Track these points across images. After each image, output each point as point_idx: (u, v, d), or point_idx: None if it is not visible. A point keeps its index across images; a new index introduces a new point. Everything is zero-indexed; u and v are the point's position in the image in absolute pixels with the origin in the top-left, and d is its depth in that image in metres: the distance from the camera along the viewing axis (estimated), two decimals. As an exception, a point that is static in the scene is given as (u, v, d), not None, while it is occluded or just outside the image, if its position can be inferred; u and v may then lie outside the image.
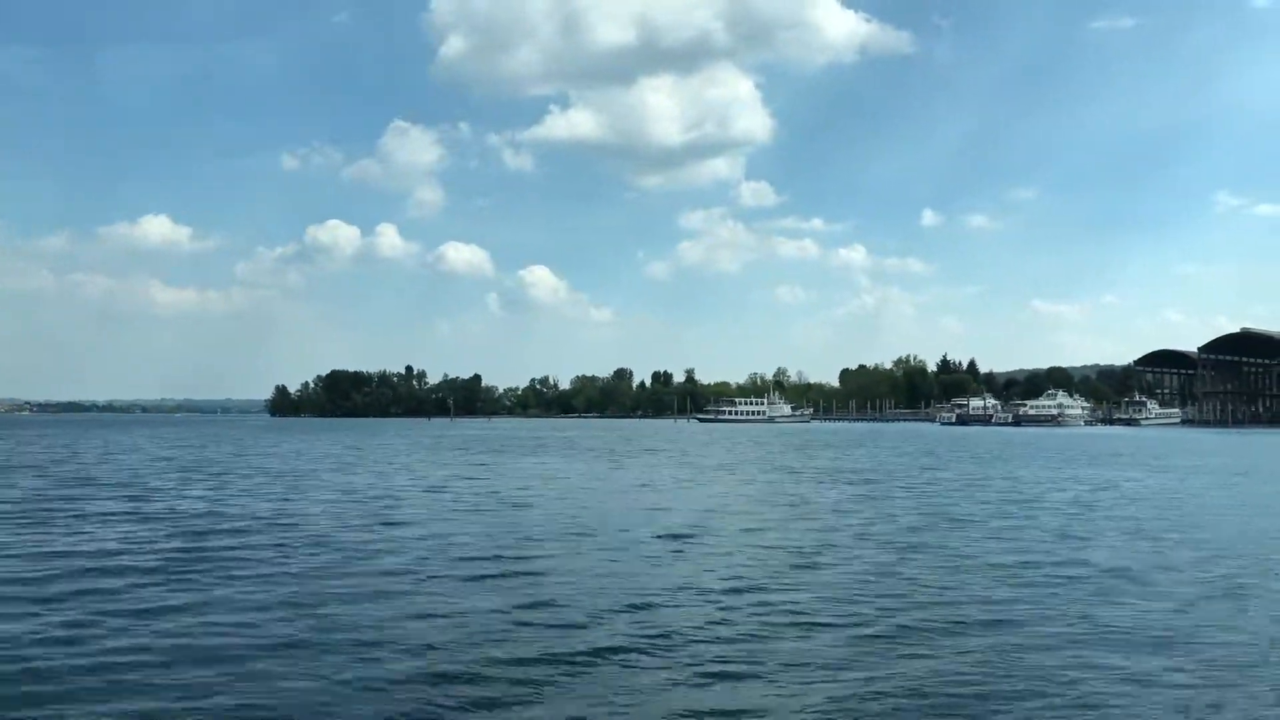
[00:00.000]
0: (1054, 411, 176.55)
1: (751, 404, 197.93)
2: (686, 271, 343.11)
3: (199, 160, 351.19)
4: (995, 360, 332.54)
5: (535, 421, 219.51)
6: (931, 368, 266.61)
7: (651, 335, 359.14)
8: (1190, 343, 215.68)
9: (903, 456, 56.01)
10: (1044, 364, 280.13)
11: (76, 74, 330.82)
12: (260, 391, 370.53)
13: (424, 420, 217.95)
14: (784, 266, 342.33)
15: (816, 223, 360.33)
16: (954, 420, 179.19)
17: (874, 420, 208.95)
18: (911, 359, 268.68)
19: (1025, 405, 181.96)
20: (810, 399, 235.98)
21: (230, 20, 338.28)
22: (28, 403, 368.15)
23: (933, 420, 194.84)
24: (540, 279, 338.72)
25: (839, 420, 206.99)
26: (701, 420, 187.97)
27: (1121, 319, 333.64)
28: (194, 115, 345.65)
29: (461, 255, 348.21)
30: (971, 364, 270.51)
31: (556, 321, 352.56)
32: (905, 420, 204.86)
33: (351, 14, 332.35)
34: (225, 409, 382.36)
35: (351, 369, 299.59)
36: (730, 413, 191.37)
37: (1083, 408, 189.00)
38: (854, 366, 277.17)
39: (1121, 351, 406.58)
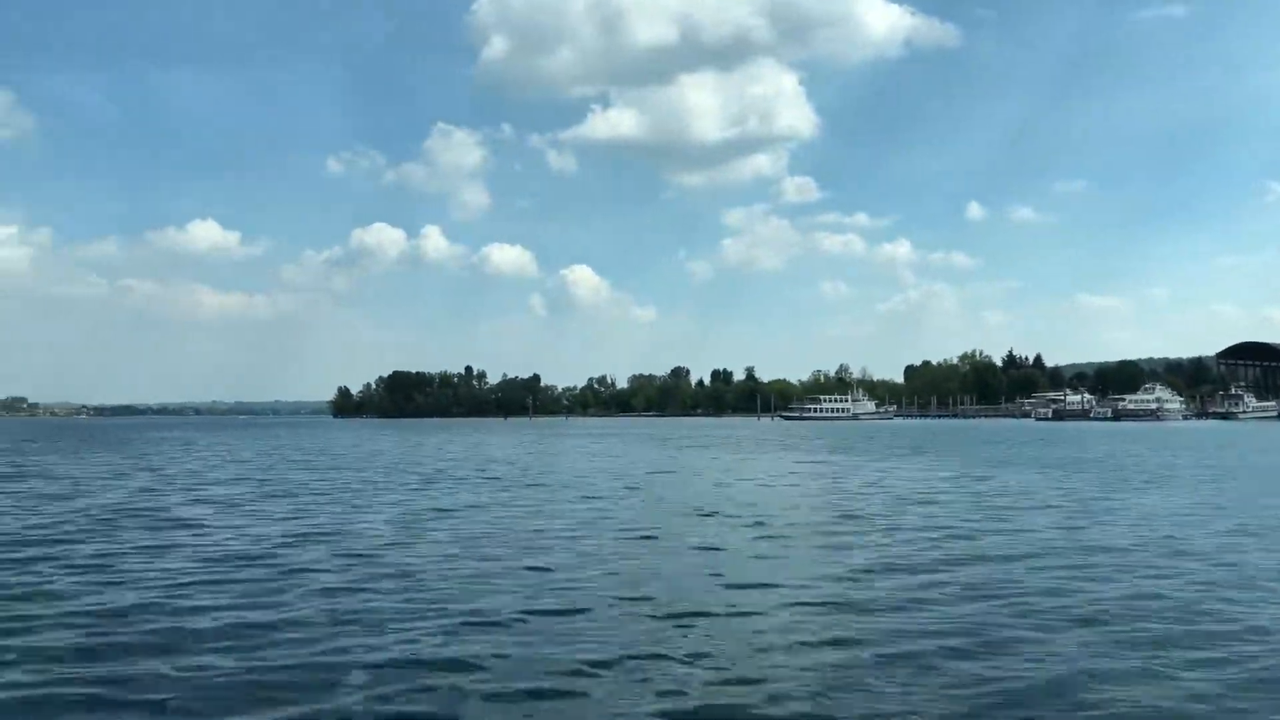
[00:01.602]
0: (1153, 406, 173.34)
1: (836, 401, 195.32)
2: (728, 269, 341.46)
3: (246, 166, 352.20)
4: (1045, 354, 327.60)
5: (609, 420, 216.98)
6: (996, 362, 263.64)
7: (694, 334, 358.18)
8: (1236, 336, 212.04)
9: (1174, 453, 52.92)
10: (1092, 358, 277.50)
11: (129, 88, 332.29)
12: (309, 393, 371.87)
13: (499, 420, 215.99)
14: (827, 262, 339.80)
15: (861, 218, 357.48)
16: (1049, 416, 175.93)
17: (953, 417, 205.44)
18: (978, 354, 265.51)
19: (1124, 400, 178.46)
20: (876, 395, 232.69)
21: (275, 27, 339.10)
22: (84, 406, 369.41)
23: (1017, 416, 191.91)
24: (583, 279, 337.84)
25: (920, 418, 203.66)
26: (786, 418, 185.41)
27: (1168, 311, 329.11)
28: (240, 122, 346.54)
29: (505, 256, 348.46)
30: (1038, 359, 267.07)
31: (599, 321, 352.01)
32: (986, 417, 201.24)
33: (393, 18, 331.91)
34: (275, 410, 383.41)
35: (398, 369, 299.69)
36: (815, 411, 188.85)
37: (1180, 402, 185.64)
38: (905, 362, 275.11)
39: (1170, 345, 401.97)
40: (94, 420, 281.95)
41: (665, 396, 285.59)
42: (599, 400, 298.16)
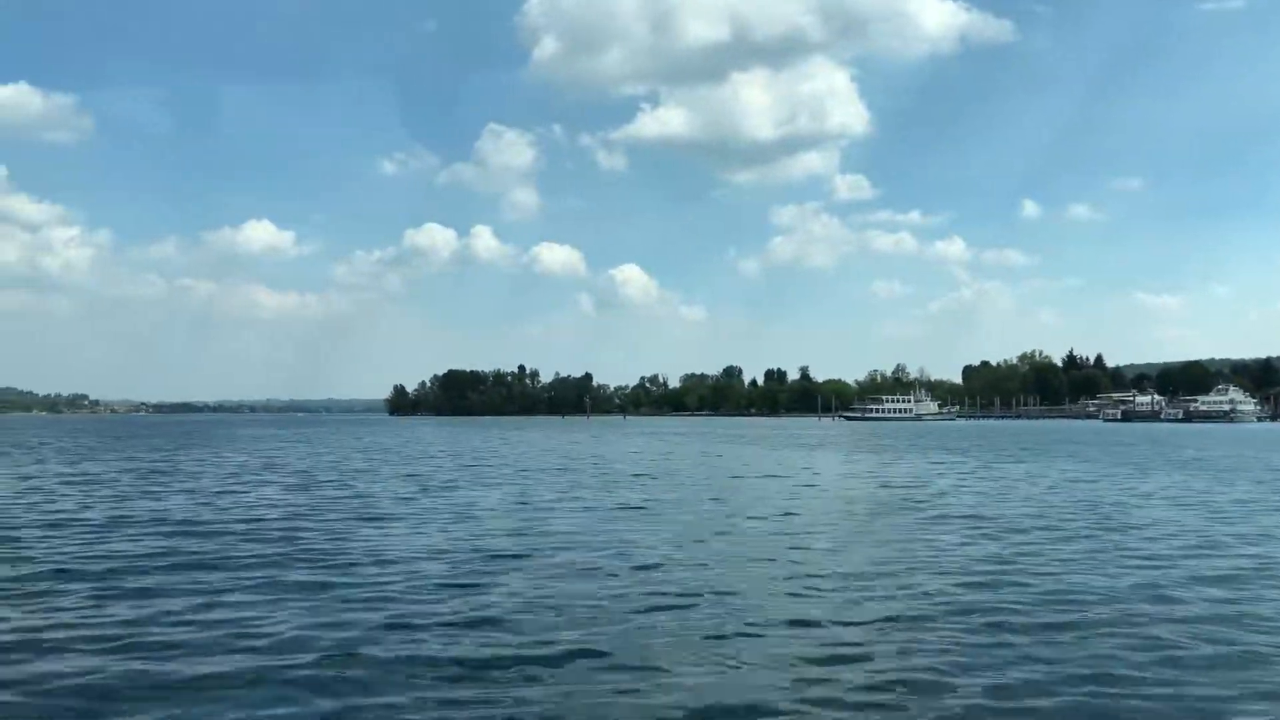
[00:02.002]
0: (1226, 407, 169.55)
1: (899, 401, 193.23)
2: (779, 268, 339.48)
3: (300, 167, 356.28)
4: (1104, 354, 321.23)
5: (666, 420, 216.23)
6: (1056, 362, 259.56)
7: (744, 333, 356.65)
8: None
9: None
10: (1151, 358, 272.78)
11: (184, 91, 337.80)
12: (362, 391, 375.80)
13: (558, 418, 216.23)
14: (880, 260, 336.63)
15: (914, 215, 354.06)
16: (1118, 417, 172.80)
17: (1016, 418, 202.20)
18: (1037, 354, 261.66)
19: (1196, 401, 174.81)
20: (936, 396, 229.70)
21: (328, 32, 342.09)
22: (143, 403, 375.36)
23: (1082, 417, 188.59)
24: (631, 278, 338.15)
25: (983, 418, 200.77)
26: (848, 419, 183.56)
27: (1229, 310, 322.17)
28: (294, 123, 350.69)
29: (555, 256, 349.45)
30: (1099, 359, 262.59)
31: (648, 320, 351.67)
32: (1049, 418, 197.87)
33: (445, 20, 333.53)
34: (329, 408, 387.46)
35: (452, 368, 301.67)
36: (877, 411, 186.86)
37: (1254, 404, 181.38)
38: (959, 361, 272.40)
39: (1231, 344, 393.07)
40: (155, 417, 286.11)
41: (718, 396, 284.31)
42: (651, 399, 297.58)
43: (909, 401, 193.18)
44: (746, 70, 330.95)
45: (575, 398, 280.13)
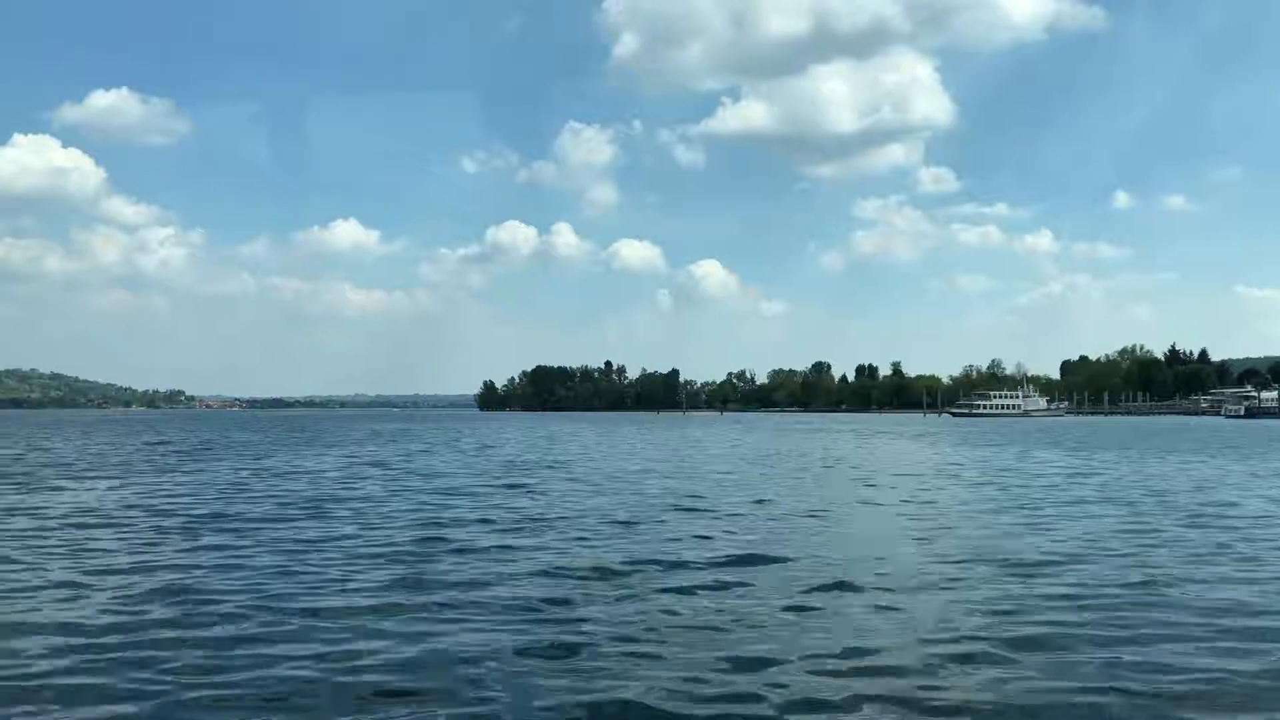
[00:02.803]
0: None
1: (1007, 398, 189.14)
2: (861, 262, 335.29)
3: (385, 166, 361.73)
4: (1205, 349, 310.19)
5: (763, 415, 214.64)
6: (1158, 357, 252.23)
7: (826, 328, 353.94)
8: None
9: None
10: (1250, 352, 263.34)
11: (275, 94, 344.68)
12: (447, 387, 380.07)
13: (652, 414, 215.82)
14: (965, 254, 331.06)
15: (1000, 208, 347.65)
16: (1241, 413, 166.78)
17: (1125, 414, 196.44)
18: (1139, 349, 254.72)
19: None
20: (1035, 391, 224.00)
21: (408, 31, 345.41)
22: (236, 399, 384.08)
23: (1194, 413, 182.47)
24: (711, 273, 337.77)
25: (1091, 414, 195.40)
26: (955, 414, 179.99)
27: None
28: (378, 124, 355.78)
29: (635, 252, 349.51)
30: (1203, 354, 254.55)
31: (728, 316, 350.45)
32: (1158, 414, 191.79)
33: (526, 19, 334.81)
34: (415, 404, 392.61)
35: (540, 364, 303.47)
36: (984, 407, 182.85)
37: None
38: (1048, 356, 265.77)
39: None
40: (243, 413, 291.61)
41: (808, 392, 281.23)
42: (739, 395, 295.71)
43: (1017, 398, 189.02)
44: (828, 62, 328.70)
45: (662, 393, 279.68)
